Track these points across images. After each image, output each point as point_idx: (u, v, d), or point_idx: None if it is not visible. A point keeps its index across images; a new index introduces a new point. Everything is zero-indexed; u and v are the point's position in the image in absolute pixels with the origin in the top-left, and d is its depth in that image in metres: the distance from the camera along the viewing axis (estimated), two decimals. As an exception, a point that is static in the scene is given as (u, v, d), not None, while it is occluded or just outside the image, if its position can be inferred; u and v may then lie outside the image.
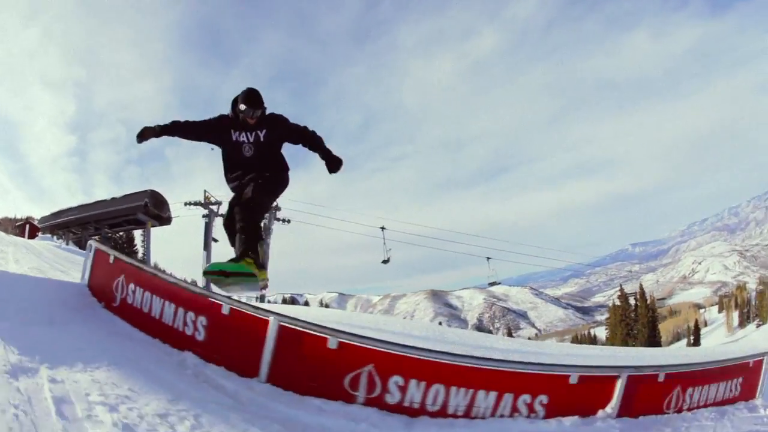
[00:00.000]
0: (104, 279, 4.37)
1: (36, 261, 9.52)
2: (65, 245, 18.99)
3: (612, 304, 47.99)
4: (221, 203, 19.79)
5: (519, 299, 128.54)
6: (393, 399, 3.54)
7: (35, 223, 23.89)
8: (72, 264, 9.91)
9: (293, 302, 70.62)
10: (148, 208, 19.69)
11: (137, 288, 4.07)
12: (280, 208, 20.18)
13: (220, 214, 19.90)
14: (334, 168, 3.77)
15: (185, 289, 3.95)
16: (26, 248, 12.38)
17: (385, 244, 21.41)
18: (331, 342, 3.54)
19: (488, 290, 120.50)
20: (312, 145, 3.77)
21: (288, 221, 20.57)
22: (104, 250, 4.48)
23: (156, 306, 3.93)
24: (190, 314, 3.77)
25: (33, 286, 4.76)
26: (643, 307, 44.74)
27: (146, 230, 20.93)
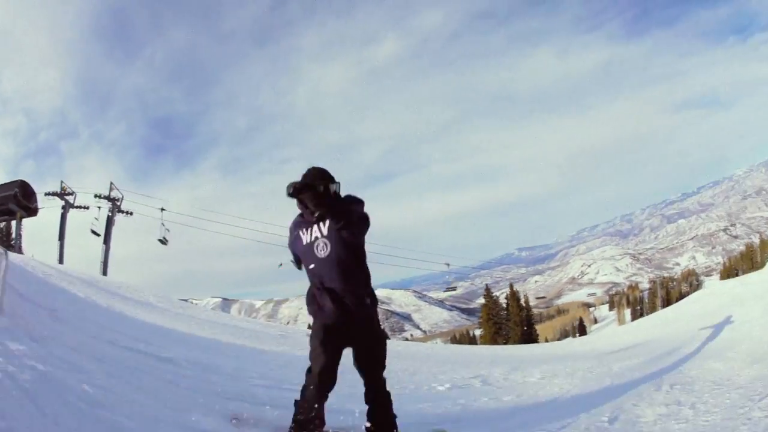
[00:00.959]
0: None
1: None
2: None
3: (482, 304, 47.24)
4: (75, 194, 21.33)
5: (402, 302, 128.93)
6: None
7: None
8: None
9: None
10: (18, 199, 18.73)
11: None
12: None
13: (76, 206, 21.47)
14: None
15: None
16: None
17: (163, 224, 22.19)
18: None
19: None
20: None
21: (130, 213, 21.68)
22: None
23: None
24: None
25: None
26: (515, 306, 44.71)
27: (18, 221, 20.74)
